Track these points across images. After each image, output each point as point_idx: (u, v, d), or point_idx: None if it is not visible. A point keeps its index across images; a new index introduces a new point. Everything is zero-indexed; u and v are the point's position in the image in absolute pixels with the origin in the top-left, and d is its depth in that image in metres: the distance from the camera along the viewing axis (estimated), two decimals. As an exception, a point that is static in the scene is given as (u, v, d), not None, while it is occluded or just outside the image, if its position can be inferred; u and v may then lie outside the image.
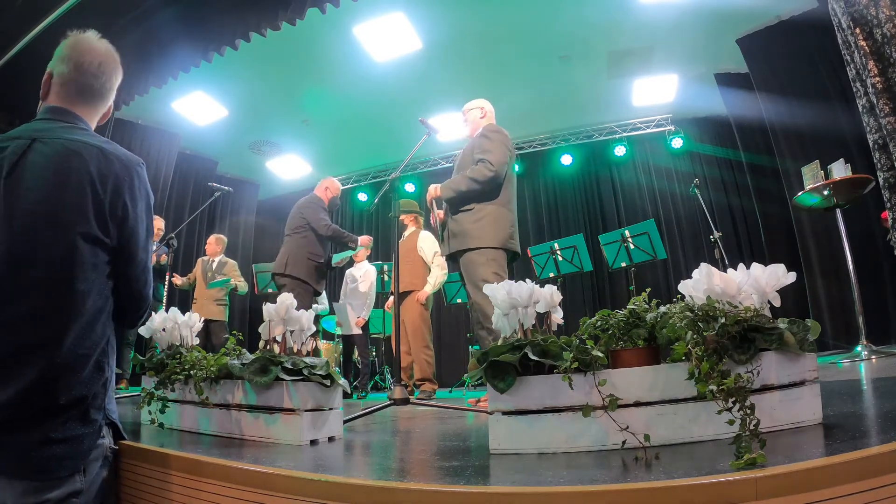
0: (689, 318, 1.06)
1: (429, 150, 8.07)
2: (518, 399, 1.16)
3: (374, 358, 6.65)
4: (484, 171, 2.67)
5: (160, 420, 1.80)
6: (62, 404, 1.06)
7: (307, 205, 4.11)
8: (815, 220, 4.79)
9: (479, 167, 2.69)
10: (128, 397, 3.46)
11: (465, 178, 2.70)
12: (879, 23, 1.96)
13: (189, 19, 4.62)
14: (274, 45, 4.94)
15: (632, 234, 4.78)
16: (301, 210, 4.07)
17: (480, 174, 2.67)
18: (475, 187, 2.68)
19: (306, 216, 4.02)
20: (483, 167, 2.68)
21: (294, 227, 4.04)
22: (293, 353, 1.60)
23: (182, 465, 1.22)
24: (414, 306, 4.24)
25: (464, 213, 2.73)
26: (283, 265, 3.92)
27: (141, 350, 5.25)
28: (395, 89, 6.28)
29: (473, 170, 2.71)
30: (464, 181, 2.70)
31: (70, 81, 1.31)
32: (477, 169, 2.69)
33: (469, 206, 2.71)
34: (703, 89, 6.44)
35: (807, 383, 1.08)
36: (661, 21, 5.31)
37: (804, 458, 0.78)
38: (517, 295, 1.26)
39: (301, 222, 4.03)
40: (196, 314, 2.02)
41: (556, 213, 7.96)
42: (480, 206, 2.71)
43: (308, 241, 3.99)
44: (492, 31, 5.45)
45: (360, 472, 1.19)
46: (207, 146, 7.60)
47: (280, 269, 3.92)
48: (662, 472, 0.85)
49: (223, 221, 8.28)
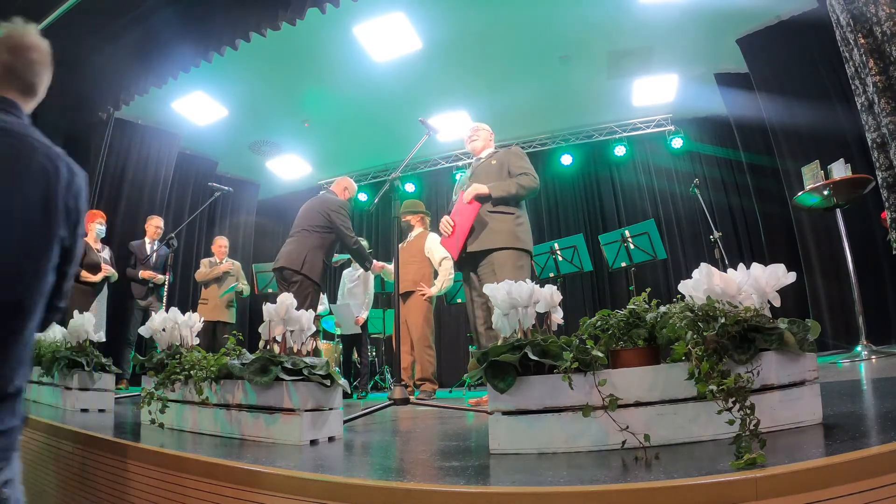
0: (689, 318, 1.06)
1: (429, 150, 8.06)
2: (518, 399, 1.16)
3: (374, 358, 6.65)
4: (532, 182, 2.96)
5: (160, 420, 1.80)
6: (9, 393, 1.07)
7: (334, 207, 3.89)
8: (815, 220, 4.79)
9: (527, 178, 2.95)
10: (128, 397, 3.46)
11: (516, 183, 2.93)
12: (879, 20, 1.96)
13: (189, 19, 4.62)
14: (274, 45, 4.94)
15: (632, 234, 4.78)
16: (327, 210, 3.86)
17: (529, 184, 2.94)
18: (522, 193, 2.94)
19: (333, 219, 3.83)
20: (531, 179, 2.95)
21: (314, 225, 3.82)
22: (293, 353, 1.60)
23: (182, 465, 1.22)
24: (419, 306, 4.23)
25: (505, 214, 2.92)
26: (299, 262, 3.68)
27: (141, 350, 5.25)
28: (395, 89, 6.27)
29: (522, 178, 2.95)
30: (514, 185, 2.93)
31: (9, 72, 1.25)
32: (526, 179, 2.95)
33: (510, 209, 2.93)
34: (703, 89, 6.44)
35: (807, 383, 1.08)
36: (661, 21, 5.31)
37: (804, 458, 0.78)
38: (517, 295, 1.26)
39: (323, 222, 3.82)
40: (196, 314, 2.02)
41: (556, 213, 7.96)
42: (519, 211, 2.95)
43: (326, 242, 3.82)
44: (492, 31, 5.44)
45: (360, 472, 1.19)
46: (207, 146, 7.60)
47: (296, 265, 3.68)
48: (662, 472, 0.85)
49: (223, 221, 8.28)
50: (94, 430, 1.64)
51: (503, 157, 3.09)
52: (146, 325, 2.00)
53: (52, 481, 1.70)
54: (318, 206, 3.91)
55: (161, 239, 5.22)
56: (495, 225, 2.88)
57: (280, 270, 3.76)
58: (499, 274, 2.74)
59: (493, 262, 2.83)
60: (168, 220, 6.00)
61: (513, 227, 2.86)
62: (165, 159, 6.89)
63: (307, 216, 3.90)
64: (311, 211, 3.91)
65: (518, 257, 2.81)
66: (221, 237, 5.68)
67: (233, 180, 8.07)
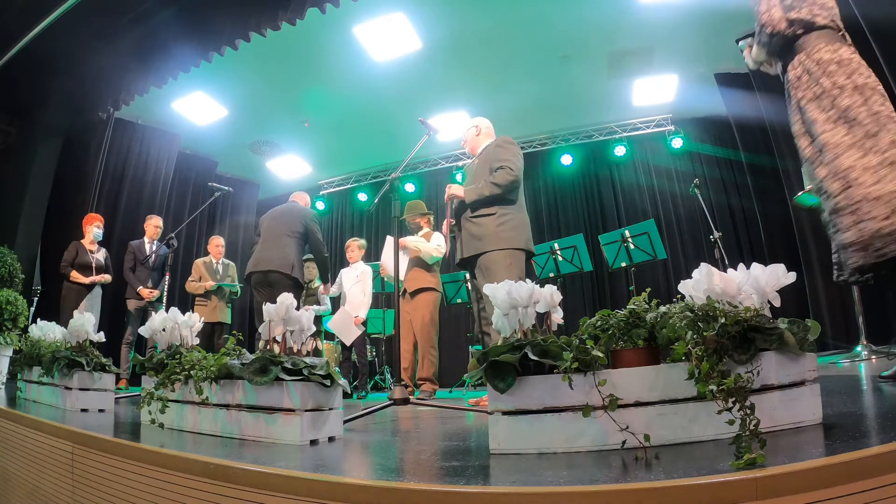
0: (689, 318, 1.06)
1: (429, 150, 8.06)
2: (518, 399, 1.16)
3: (373, 358, 6.65)
4: (506, 175, 2.82)
5: (160, 420, 1.80)
6: None
7: (311, 217, 4.10)
8: (815, 220, 4.77)
9: (502, 173, 2.84)
10: (128, 397, 3.46)
11: (489, 183, 2.84)
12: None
13: (189, 19, 4.62)
14: (274, 45, 4.94)
15: (632, 234, 4.78)
16: (305, 219, 4.04)
17: (503, 179, 2.82)
18: (497, 191, 2.82)
19: (311, 228, 4.03)
20: (505, 173, 2.83)
21: (294, 231, 3.97)
22: (293, 353, 1.60)
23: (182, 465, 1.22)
24: (425, 306, 4.23)
25: (486, 216, 2.85)
26: (289, 266, 3.83)
27: (141, 350, 5.25)
28: (395, 89, 6.27)
29: (496, 175, 2.85)
30: (487, 186, 2.84)
31: None
32: (499, 174, 2.84)
33: (491, 210, 2.85)
34: (703, 89, 6.43)
35: (807, 383, 1.08)
36: (661, 21, 5.31)
37: (804, 458, 0.78)
38: (517, 295, 1.26)
39: (302, 230, 4.00)
40: (196, 314, 2.02)
41: (556, 213, 7.96)
42: (503, 209, 2.84)
43: (302, 248, 4.00)
44: (492, 31, 5.44)
45: (360, 472, 1.19)
46: (207, 146, 7.60)
47: (286, 269, 3.81)
48: (662, 472, 0.85)
49: (223, 221, 8.28)
50: (94, 430, 1.64)
51: (488, 152, 3.04)
52: (146, 325, 2.00)
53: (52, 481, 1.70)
54: (297, 214, 4.07)
55: (161, 239, 5.21)
56: (477, 230, 2.86)
57: (265, 273, 3.82)
58: (488, 277, 2.72)
59: (481, 266, 2.83)
60: (168, 220, 6.01)
61: (494, 228, 2.82)
62: (165, 159, 6.89)
63: (286, 222, 4.01)
64: (290, 217, 4.04)
65: (505, 257, 2.77)
66: (218, 237, 5.66)
67: (233, 180, 8.07)
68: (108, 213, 5.67)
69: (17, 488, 1.93)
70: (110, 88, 5.33)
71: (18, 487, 1.92)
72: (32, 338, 2.76)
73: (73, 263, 4.80)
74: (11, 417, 2.13)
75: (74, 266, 4.79)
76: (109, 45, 4.86)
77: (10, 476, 2.00)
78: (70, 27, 4.46)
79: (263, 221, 4.11)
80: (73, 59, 4.95)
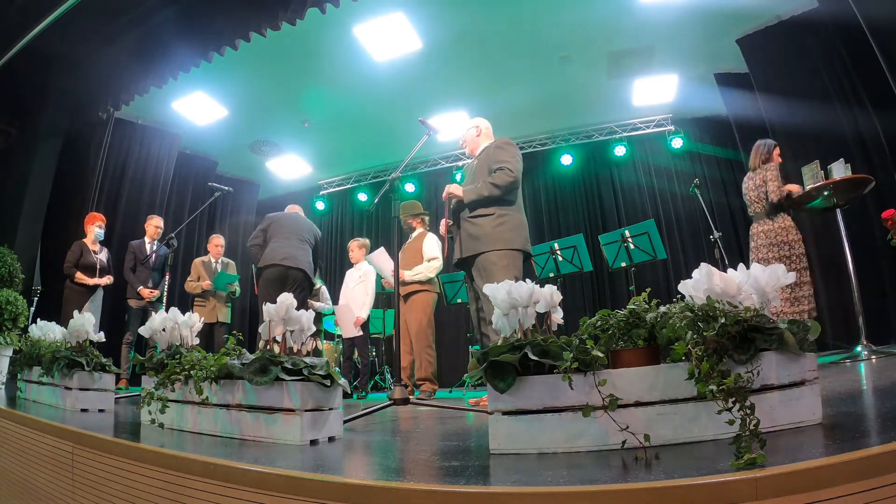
0: (689, 318, 1.06)
1: (429, 150, 8.06)
2: (518, 399, 1.16)
3: (374, 358, 6.65)
4: (505, 177, 2.83)
5: (160, 420, 1.80)
6: None
7: (316, 228, 4.35)
8: (815, 220, 4.79)
9: (501, 174, 2.84)
10: (128, 397, 3.46)
11: (488, 183, 2.84)
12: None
13: (189, 19, 4.62)
14: (274, 45, 4.94)
15: (632, 234, 4.77)
16: (315, 234, 4.29)
17: (502, 180, 2.82)
18: (496, 192, 2.83)
19: (317, 240, 4.28)
20: (504, 174, 2.83)
21: (309, 241, 4.17)
22: (293, 353, 1.60)
23: (182, 465, 1.22)
24: (420, 306, 4.24)
25: (484, 217, 2.85)
26: (312, 270, 4.07)
27: (141, 350, 5.25)
28: (395, 89, 6.27)
29: (495, 176, 2.85)
30: (486, 186, 2.84)
31: None
32: (499, 175, 2.84)
33: (489, 210, 2.85)
34: (703, 89, 6.44)
35: (807, 383, 1.08)
36: (661, 21, 5.30)
37: (804, 458, 0.78)
38: (517, 295, 1.26)
39: (313, 242, 4.22)
40: (196, 314, 2.02)
41: (556, 212, 7.96)
42: (500, 210, 2.85)
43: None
44: (492, 30, 5.44)
45: (360, 472, 1.19)
46: (207, 146, 7.59)
47: (311, 272, 4.05)
48: (662, 472, 0.85)
49: (223, 221, 8.27)
50: (94, 430, 1.64)
51: (488, 152, 3.04)
52: (146, 325, 2.00)
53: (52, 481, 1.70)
54: (309, 227, 4.27)
55: (161, 239, 5.21)
56: (475, 230, 2.86)
57: (289, 269, 3.91)
58: (486, 278, 2.73)
59: (479, 266, 2.83)
60: (168, 219, 5.99)
61: (492, 228, 2.82)
62: (165, 159, 6.89)
63: (304, 230, 4.20)
64: (306, 226, 4.24)
65: (501, 257, 2.78)
66: (218, 236, 5.66)
67: (233, 180, 8.07)
68: (108, 213, 5.65)
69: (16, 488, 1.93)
70: (110, 88, 5.33)
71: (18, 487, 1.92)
72: (32, 338, 2.76)
73: (78, 264, 4.78)
74: (11, 417, 2.13)
75: (78, 267, 4.77)
76: (109, 45, 4.86)
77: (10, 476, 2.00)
78: (70, 27, 4.46)
79: (278, 220, 4.15)
80: (73, 59, 4.95)
